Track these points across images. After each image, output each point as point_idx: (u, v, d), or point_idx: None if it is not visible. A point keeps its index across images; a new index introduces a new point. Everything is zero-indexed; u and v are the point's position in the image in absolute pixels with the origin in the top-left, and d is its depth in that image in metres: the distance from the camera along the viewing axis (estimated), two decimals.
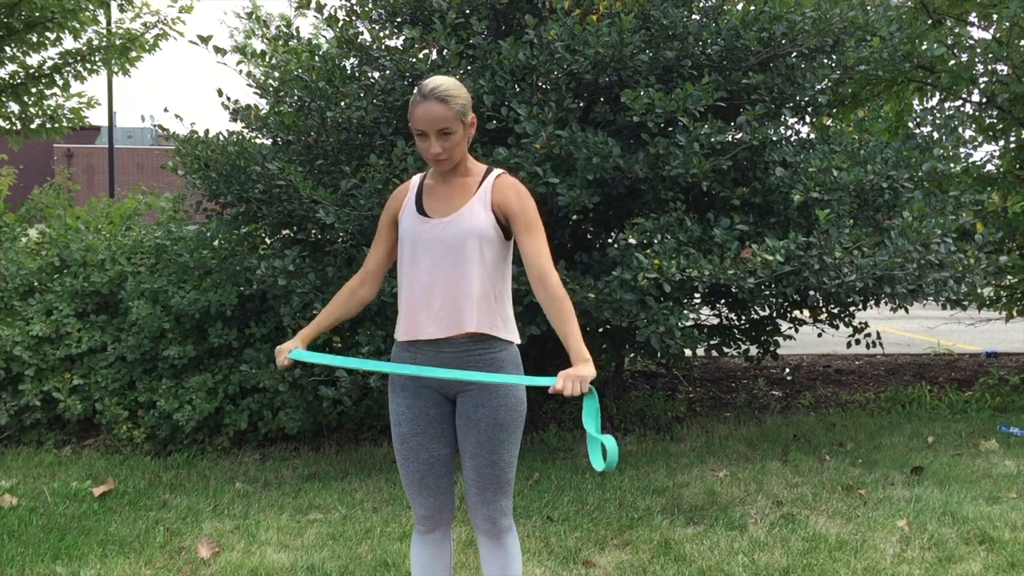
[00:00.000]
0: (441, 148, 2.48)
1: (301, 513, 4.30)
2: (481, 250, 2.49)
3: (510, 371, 2.55)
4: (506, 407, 2.53)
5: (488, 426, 2.52)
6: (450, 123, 2.45)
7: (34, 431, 5.60)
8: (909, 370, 8.07)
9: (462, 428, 2.56)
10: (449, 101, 2.44)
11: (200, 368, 5.45)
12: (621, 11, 4.64)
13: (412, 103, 2.49)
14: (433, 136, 2.47)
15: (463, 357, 2.52)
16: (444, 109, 2.44)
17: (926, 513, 4.18)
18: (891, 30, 5.19)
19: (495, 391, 2.52)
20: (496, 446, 2.53)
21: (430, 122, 2.45)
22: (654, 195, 4.83)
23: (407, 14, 5.29)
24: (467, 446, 2.55)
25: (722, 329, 6.21)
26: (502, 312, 2.55)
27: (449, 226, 2.51)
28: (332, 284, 4.78)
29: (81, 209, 7.01)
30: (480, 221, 2.50)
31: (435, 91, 2.45)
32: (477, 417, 2.52)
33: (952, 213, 5.15)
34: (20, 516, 4.22)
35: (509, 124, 4.68)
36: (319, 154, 5.13)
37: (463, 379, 2.42)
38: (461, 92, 2.49)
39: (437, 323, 2.50)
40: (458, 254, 2.48)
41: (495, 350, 2.54)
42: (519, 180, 2.73)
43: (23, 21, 7.67)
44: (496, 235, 2.52)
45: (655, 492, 4.53)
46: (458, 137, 2.49)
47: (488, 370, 2.52)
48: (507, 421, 2.53)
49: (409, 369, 2.44)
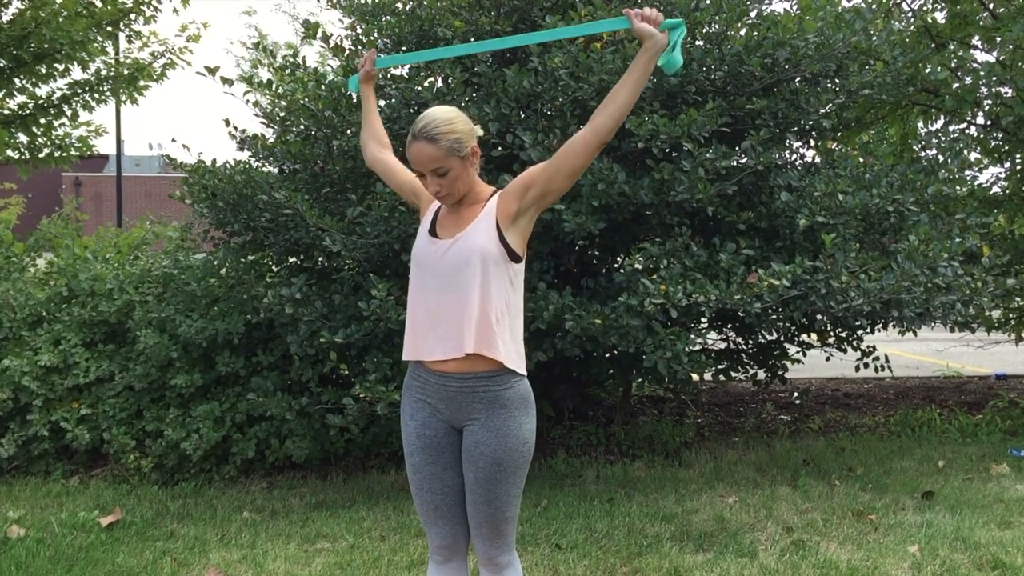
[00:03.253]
0: (439, 186, 2.47)
1: (309, 542, 4.28)
2: (484, 270, 2.44)
3: (516, 407, 2.50)
4: (506, 447, 2.47)
5: (486, 464, 2.47)
6: (442, 162, 2.43)
7: (42, 461, 5.60)
8: (918, 393, 8.03)
9: (464, 463, 2.53)
10: (438, 140, 2.41)
11: (207, 397, 5.45)
12: (625, 38, 4.67)
13: (407, 142, 2.47)
14: (428, 175, 2.46)
15: (468, 393, 2.49)
16: (433, 149, 2.41)
17: (938, 538, 4.14)
18: (894, 54, 5.21)
19: (497, 429, 2.47)
20: (492, 485, 2.48)
21: (421, 163, 2.44)
22: (659, 220, 4.84)
23: (412, 43, 5.33)
24: (467, 482, 2.53)
25: (729, 353, 6.19)
26: (503, 336, 2.46)
27: (454, 246, 2.49)
28: (339, 312, 4.79)
29: (89, 239, 7.04)
30: (484, 240, 2.46)
31: (424, 130, 2.42)
32: (476, 454, 2.49)
33: (958, 236, 5.14)
34: (28, 547, 4.21)
35: (514, 151, 4.70)
36: (325, 182, 5.16)
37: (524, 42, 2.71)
38: (455, 125, 2.45)
39: (443, 345, 2.48)
40: (460, 274, 2.45)
41: (502, 387, 2.48)
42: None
43: (32, 53, 7.75)
44: (501, 255, 2.46)
45: (664, 519, 4.50)
46: (455, 172, 2.46)
47: (493, 407, 2.48)
48: (506, 461, 2.48)
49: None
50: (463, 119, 2.49)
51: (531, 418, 2.55)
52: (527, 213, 2.50)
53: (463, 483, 2.58)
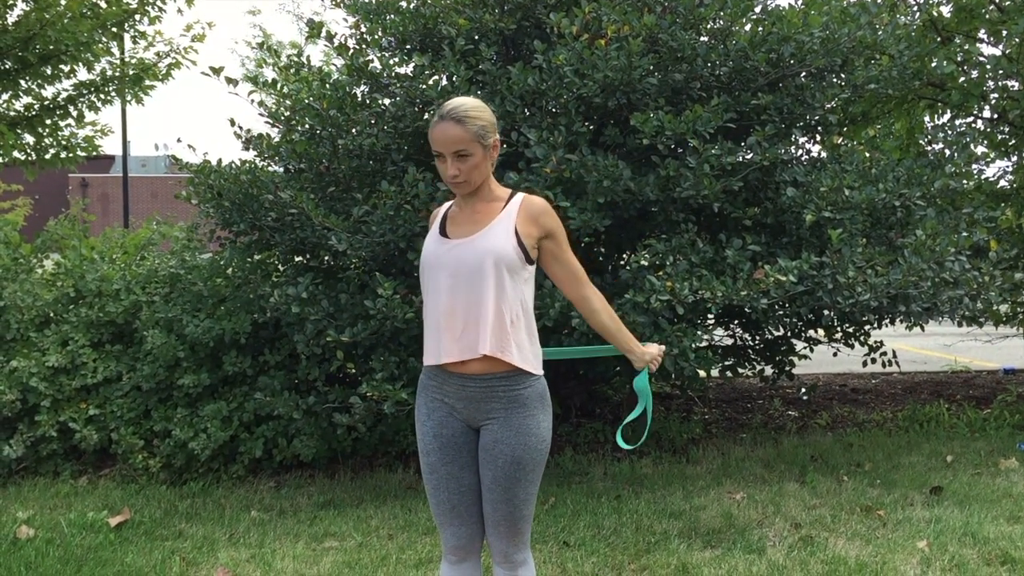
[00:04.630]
0: (457, 170, 2.46)
1: (317, 541, 4.29)
2: (499, 271, 2.45)
3: (535, 406, 2.52)
4: (525, 445, 2.49)
5: (506, 463, 2.48)
6: (466, 144, 2.43)
7: (50, 462, 5.61)
8: (926, 388, 8.01)
9: (482, 461, 2.53)
10: (466, 122, 2.43)
11: (215, 396, 5.46)
12: (629, 35, 4.66)
13: (430, 126, 2.48)
14: (449, 158, 2.45)
15: (488, 393, 2.49)
16: (460, 130, 2.42)
17: (946, 534, 4.14)
18: (900, 48, 5.19)
19: (517, 427, 2.48)
20: (512, 483, 2.49)
21: (445, 143, 2.44)
22: (665, 217, 4.83)
23: (416, 41, 5.33)
24: (484, 480, 2.53)
25: (736, 350, 6.18)
26: (517, 337, 2.48)
27: (469, 246, 2.48)
28: (345, 311, 4.80)
29: (96, 239, 7.05)
30: (501, 242, 2.46)
31: (452, 112, 2.44)
32: (496, 452, 2.49)
33: (965, 230, 5.12)
34: (37, 548, 4.23)
35: (519, 149, 4.70)
36: (331, 181, 5.16)
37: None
38: (482, 114, 2.47)
39: (459, 346, 2.48)
40: (476, 274, 2.45)
41: (520, 386, 2.50)
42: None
43: (38, 54, 7.76)
44: (517, 258, 2.48)
45: (672, 516, 4.50)
46: (476, 159, 2.46)
47: (513, 406, 2.49)
48: (526, 459, 2.49)
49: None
50: (489, 111, 2.53)
51: (548, 416, 2.56)
52: (531, 240, 2.55)
53: (479, 483, 2.57)
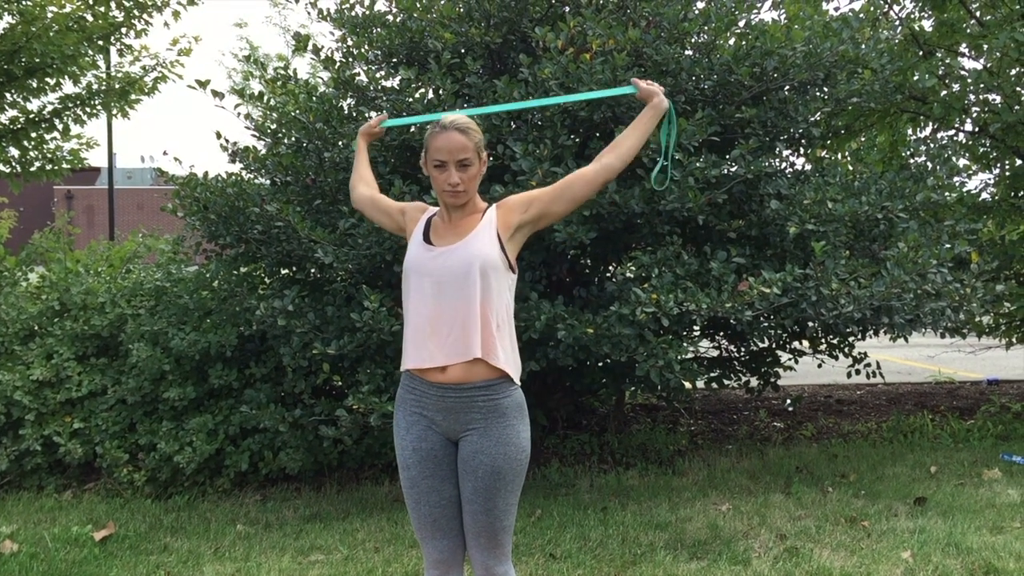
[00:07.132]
0: (459, 179, 2.53)
1: (303, 554, 4.28)
2: (485, 276, 2.49)
3: (514, 416, 2.54)
4: (505, 455, 2.50)
5: (485, 473, 2.50)
6: (469, 154, 2.53)
7: (35, 476, 5.58)
8: (910, 399, 8.06)
9: (461, 473, 2.54)
10: (469, 133, 2.54)
11: (200, 409, 5.44)
12: (614, 49, 4.69)
13: (430, 136, 2.56)
14: (452, 166, 2.53)
15: (467, 403, 2.51)
16: (464, 139, 2.52)
17: (930, 544, 4.16)
18: (882, 62, 5.24)
19: (496, 438, 2.50)
20: (492, 494, 2.50)
21: (451, 151, 2.51)
22: (651, 229, 4.86)
23: (403, 55, 5.35)
24: (464, 492, 2.54)
25: (722, 361, 6.20)
26: (503, 343, 2.52)
27: (454, 253, 2.53)
28: (331, 323, 4.80)
29: (81, 252, 7.04)
30: (487, 248, 2.52)
31: (455, 123, 2.54)
32: (476, 463, 2.50)
33: (948, 242, 5.17)
34: (21, 562, 4.20)
35: (505, 162, 4.72)
36: (317, 194, 5.17)
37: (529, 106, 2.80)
38: (478, 129, 2.58)
39: (446, 351, 2.50)
40: (463, 279, 2.49)
41: (499, 395, 2.52)
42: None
43: (23, 67, 7.73)
44: (502, 264, 2.54)
45: (658, 527, 4.51)
46: (475, 170, 2.56)
47: (492, 416, 2.51)
48: (505, 469, 2.50)
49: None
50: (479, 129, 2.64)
51: (527, 426, 2.58)
52: (523, 228, 2.61)
53: (459, 495, 2.58)
